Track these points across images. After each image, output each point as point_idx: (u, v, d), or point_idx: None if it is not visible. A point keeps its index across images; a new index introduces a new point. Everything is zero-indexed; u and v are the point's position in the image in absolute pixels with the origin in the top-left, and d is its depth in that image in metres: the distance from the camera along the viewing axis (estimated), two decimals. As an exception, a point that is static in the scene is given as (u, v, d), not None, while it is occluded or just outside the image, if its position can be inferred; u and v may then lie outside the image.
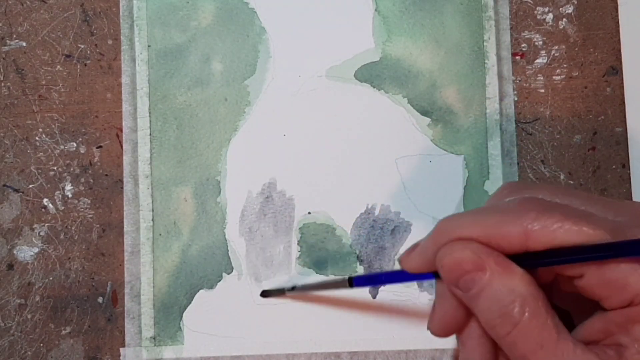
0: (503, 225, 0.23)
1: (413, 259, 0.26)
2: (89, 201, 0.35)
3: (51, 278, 0.34)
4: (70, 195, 0.35)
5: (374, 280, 0.29)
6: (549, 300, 0.25)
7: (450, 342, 0.34)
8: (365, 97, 0.35)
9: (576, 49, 0.35)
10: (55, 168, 0.35)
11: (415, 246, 0.26)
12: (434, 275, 0.25)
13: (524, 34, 0.36)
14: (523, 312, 0.22)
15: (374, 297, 0.34)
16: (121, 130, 0.35)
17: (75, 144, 0.35)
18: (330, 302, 0.34)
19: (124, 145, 0.35)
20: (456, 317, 0.25)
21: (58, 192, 0.35)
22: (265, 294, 0.34)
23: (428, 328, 0.27)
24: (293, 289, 0.33)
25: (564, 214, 0.22)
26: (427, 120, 0.35)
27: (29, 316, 0.34)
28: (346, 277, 0.28)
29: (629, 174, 0.35)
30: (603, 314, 0.23)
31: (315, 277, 0.34)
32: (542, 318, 0.22)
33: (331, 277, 0.32)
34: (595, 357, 0.22)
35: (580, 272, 0.23)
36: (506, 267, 0.23)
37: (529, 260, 0.23)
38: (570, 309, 0.25)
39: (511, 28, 0.36)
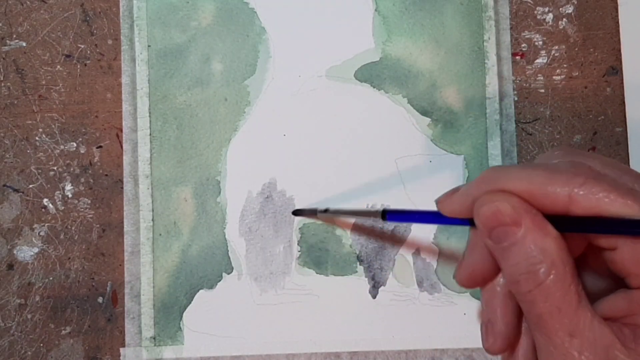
0: (550, 184, 0.23)
1: (452, 203, 0.25)
2: (89, 201, 0.35)
3: (51, 278, 0.34)
4: (70, 195, 0.35)
5: (408, 217, 0.28)
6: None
7: (450, 342, 0.34)
8: (365, 97, 0.35)
9: (576, 49, 0.35)
10: (55, 168, 0.35)
11: (455, 190, 0.26)
12: (470, 222, 0.25)
13: (524, 34, 0.36)
14: (549, 273, 0.22)
15: (374, 297, 0.34)
16: (121, 130, 0.35)
17: (75, 144, 0.35)
18: (330, 302, 0.34)
19: (124, 145, 0.35)
20: (484, 269, 0.25)
21: (58, 192, 0.35)
22: (297, 212, 0.34)
23: (454, 276, 0.27)
24: (326, 211, 0.33)
25: (612, 185, 0.22)
26: (427, 120, 0.35)
27: (29, 316, 0.34)
28: (380, 208, 0.28)
29: (629, 174, 0.35)
30: (627, 292, 0.23)
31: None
32: (567, 283, 0.22)
33: (365, 209, 0.31)
34: (610, 332, 0.22)
35: (614, 245, 0.23)
36: (542, 226, 0.23)
37: (567, 224, 0.23)
38: (593, 291, 0.25)
39: (511, 28, 0.36)
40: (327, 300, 0.34)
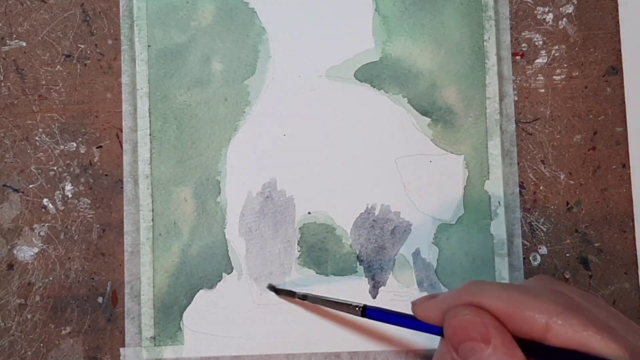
0: (529, 308, 0.23)
1: (427, 308, 0.25)
2: (89, 201, 0.35)
3: (51, 278, 0.34)
4: (70, 195, 0.35)
5: (387, 317, 0.28)
6: None
7: (450, 342, 0.34)
8: (365, 97, 0.35)
9: (576, 49, 0.35)
10: (55, 168, 0.35)
11: (434, 296, 0.26)
12: (442, 332, 0.24)
13: (524, 34, 0.36)
14: None
15: (374, 297, 0.34)
16: (121, 130, 0.35)
17: (75, 144, 0.35)
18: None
19: (124, 145, 0.35)
20: None
21: (58, 192, 0.35)
22: (274, 289, 0.34)
23: None
24: (305, 297, 0.32)
25: (590, 319, 0.22)
26: (427, 120, 0.35)
27: (29, 316, 0.34)
28: (361, 305, 0.28)
29: (629, 174, 0.35)
30: None
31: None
32: None
33: (345, 300, 0.30)
34: None
35: None
36: (510, 347, 0.23)
37: (540, 350, 0.23)
38: None
39: (511, 28, 0.36)
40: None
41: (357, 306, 0.28)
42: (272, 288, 0.34)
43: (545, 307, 0.22)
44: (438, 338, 0.25)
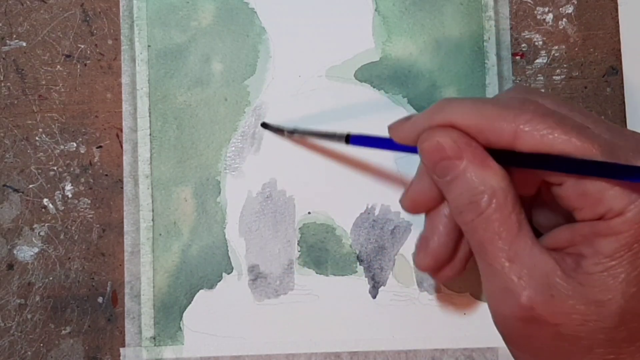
0: (497, 119, 0.23)
1: (402, 130, 0.27)
2: (89, 201, 0.35)
3: (51, 278, 0.34)
4: (70, 195, 0.35)
5: (370, 142, 0.29)
6: (528, 210, 0.25)
7: (450, 342, 0.34)
8: (365, 97, 0.35)
9: (576, 49, 0.36)
10: (55, 168, 0.35)
11: (408, 118, 0.27)
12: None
13: (524, 34, 0.36)
14: (490, 203, 0.23)
15: (374, 297, 0.34)
16: (121, 130, 0.35)
17: (75, 144, 0.35)
18: (330, 302, 0.34)
19: (124, 145, 0.35)
20: (428, 196, 0.26)
21: (58, 192, 0.35)
22: (265, 125, 0.35)
23: (400, 201, 0.28)
24: (293, 132, 0.34)
25: (557, 122, 0.23)
26: (427, 120, 0.35)
27: (29, 316, 0.34)
28: (345, 132, 0.30)
29: (629, 174, 0.35)
30: (572, 225, 0.24)
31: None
32: (507, 212, 0.23)
33: (330, 131, 0.32)
34: (551, 259, 0.23)
35: (560, 180, 0.23)
36: (483, 159, 0.24)
37: (512, 159, 0.24)
38: (549, 230, 0.26)
39: (511, 28, 0.36)
40: (327, 300, 0.34)
41: (341, 134, 0.30)
42: (263, 125, 0.35)
43: (512, 116, 0.23)
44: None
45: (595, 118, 0.24)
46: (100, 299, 0.34)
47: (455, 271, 0.28)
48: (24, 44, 0.36)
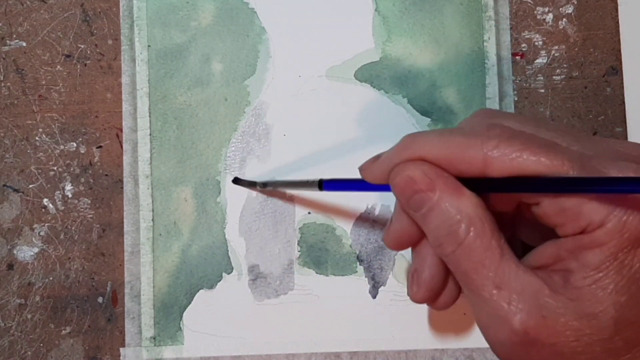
0: (465, 148, 0.23)
1: (373, 170, 0.26)
2: (89, 201, 0.35)
3: (51, 278, 0.34)
4: (70, 195, 0.35)
5: (342, 186, 0.29)
6: (511, 230, 0.25)
7: (450, 342, 0.34)
8: (365, 97, 0.35)
9: (576, 49, 0.36)
10: (55, 168, 0.35)
11: (377, 157, 0.26)
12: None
13: (524, 34, 0.36)
14: (468, 231, 0.23)
15: (374, 297, 0.34)
16: (121, 130, 0.35)
17: (75, 144, 0.35)
18: (330, 302, 0.34)
19: (124, 145, 0.35)
20: (410, 232, 0.26)
21: (58, 192, 0.35)
22: (236, 181, 0.34)
23: (383, 240, 0.28)
24: (265, 185, 0.33)
25: (524, 144, 0.23)
26: (427, 120, 0.35)
27: (29, 316, 0.34)
28: (317, 179, 0.29)
29: (629, 174, 0.35)
30: (555, 241, 0.24)
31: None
32: (487, 238, 0.23)
33: (303, 179, 0.31)
34: (538, 279, 0.23)
35: (536, 200, 0.23)
36: (455, 188, 0.24)
37: (485, 185, 0.23)
38: (535, 242, 0.26)
39: (511, 28, 0.36)
40: (327, 300, 0.34)
41: (313, 181, 0.29)
42: (235, 180, 0.35)
43: (479, 144, 0.23)
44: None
45: (562, 131, 0.24)
46: (100, 299, 0.34)
47: (452, 298, 0.27)
48: (24, 44, 0.36)
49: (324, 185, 0.29)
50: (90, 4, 0.36)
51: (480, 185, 0.24)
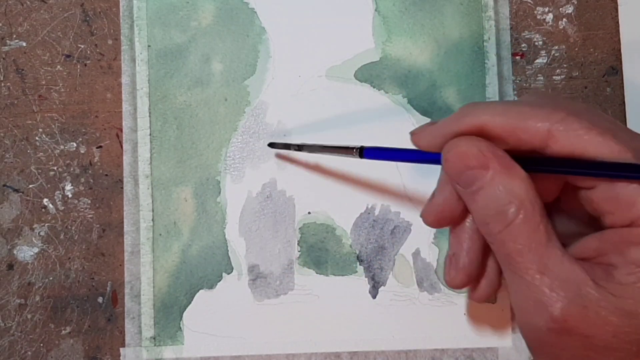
0: (530, 117, 0.22)
1: (425, 136, 0.25)
2: (89, 201, 0.35)
3: (51, 278, 0.34)
4: (70, 195, 0.35)
5: (386, 154, 0.28)
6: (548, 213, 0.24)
7: (450, 342, 0.34)
8: (365, 97, 0.35)
9: (576, 49, 0.35)
10: (55, 168, 0.35)
11: (432, 123, 0.25)
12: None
13: (524, 34, 0.36)
14: (518, 213, 0.22)
15: (374, 297, 0.34)
16: (121, 130, 0.35)
17: (75, 144, 0.35)
18: (330, 302, 0.34)
19: (124, 145, 0.35)
20: (452, 209, 0.26)
21: (58, 192, 0.35)
22: (272, 145, 0.34)
23: (421, 215, 0.27)
24: (300, 148, 0.32)
25: (591, 122, 0.22)
26: (427, 120, 0.35)
27: (29, 316, 0.34)
28: (358, 146, 0.27)
29: (629, 174, 0.35)
30: (600, 233, 0.23)
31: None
32: (535, 223, 0.23)
33: (341, 144, 0.29)
34: (581, 270, 0.22)
35: (591, 184, 0.23)
36: (510, 168, 0.23)
37: (543, 165, 0.23)
38: (567, 236, 0.25)
39: (511, 28, 0.36)
40: (327, 300, 0.34)
41: (354, 148, 0.28)
42: (270, 144, 0.34)
43: (546, 115, 0.22)
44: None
45: (618, 123, 0.24)
46: (100, 299, 0.34)
47: (492, 287, 0.27)
48: (24, 44, 0.36)
49: (365, 152, 0.27)
50: (90, 4, 0.36)
51: (537, 163, 0.23)
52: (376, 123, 0.35)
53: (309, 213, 0.35)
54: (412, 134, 0.26)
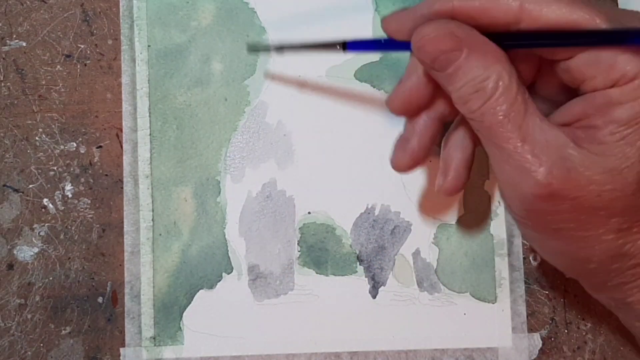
0: None
1: (395, 22, 0.26)
2: (89, 201, 0.35)
3: (51, 278, 0.34)
4: (70, 195, 0.35)
5: (367, 45, 0.28)
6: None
7: (450, 342, 0.34)
8: (365, 97, 0.35)
9: (576, 49, 0.35)
10: (55, 168, 0.35)
11: (404, 9, 0.26)
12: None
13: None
14: (496, 87, 0.23)
15: (374, 297, 0.34)
16: (121, 130, 0.35)
17: (75, 144, 0.35)
18: (330, 302, 0.34)
19: (124, 145, 0.35)
20: (420, 95, 0.26)
21: (58, 192, 0.35)
22: (252, 47, 0.34)
23: (387, 101, 0.27)
24: (281, 48, 0.32)
25: None
26: (427, 120, 0.35)
27: (29, 316, 0.34)
28: (340, 41, 0.28)
29: (629, 174, 0.35)
30: (583, 97, 0.24)
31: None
32: (513, 93, 0.23)
33: (323, 40, 0.29)
34: (561, 133, 0.23)
35: (570, 55, 0.23)
36: (483, 45, 0.23)
37: (514, 40, 0.23)
38: (545, 111, 0.25)
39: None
40: (327, 300, 0.34)
41: (337, 43, 0.28)
42: (250, 48, 0.34)
43: None
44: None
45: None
46: (100, 299, 0.34)
47: (460, 179, 0.28)
48: (24, 44, 0.36)
49: (348, 45, 0.27)
50: (90, 4, 0.36)
51: (510, 39, 0.23)
52: (376, 123, 0.35)
53: (309, 213, 0.35)
54: (384, 20, 0.26)
